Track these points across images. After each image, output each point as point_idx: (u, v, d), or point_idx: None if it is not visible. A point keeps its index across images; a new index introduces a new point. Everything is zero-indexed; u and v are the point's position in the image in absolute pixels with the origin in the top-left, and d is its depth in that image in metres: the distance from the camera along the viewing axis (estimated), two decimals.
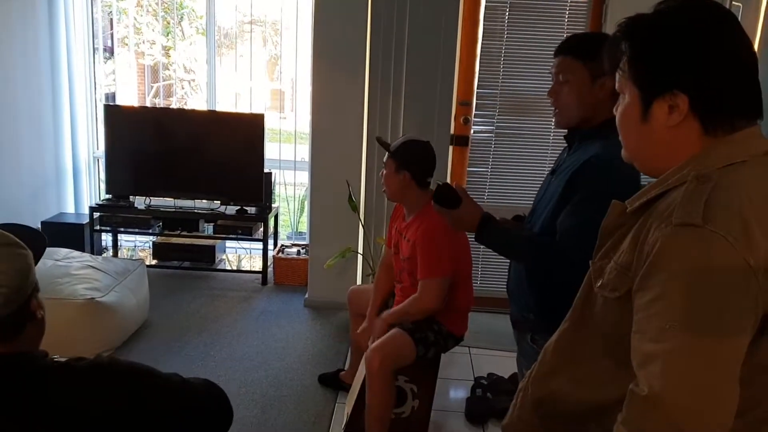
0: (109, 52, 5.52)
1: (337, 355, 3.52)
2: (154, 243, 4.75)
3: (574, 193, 1.68)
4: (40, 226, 4.45)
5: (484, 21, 3.84)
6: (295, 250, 4.67)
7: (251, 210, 4.55)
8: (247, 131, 4.41)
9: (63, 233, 4.41)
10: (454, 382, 3.29)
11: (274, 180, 4.74)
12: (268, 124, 4.54)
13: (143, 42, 5.83)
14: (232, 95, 5.31)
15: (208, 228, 4.67)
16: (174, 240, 4.70)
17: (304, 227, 5.27)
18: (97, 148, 5.07)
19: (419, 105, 3.78)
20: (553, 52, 1.82)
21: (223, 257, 4.97)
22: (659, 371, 0.91)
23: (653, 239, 0.96)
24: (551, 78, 1.83)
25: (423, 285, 2.51)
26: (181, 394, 1.23)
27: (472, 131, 3.99)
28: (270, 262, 4.61)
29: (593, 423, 1.12)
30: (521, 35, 3.84)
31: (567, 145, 1.90)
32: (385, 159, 2.64)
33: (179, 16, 6.06)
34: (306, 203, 5.02)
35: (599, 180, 1.64)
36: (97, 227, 4.59)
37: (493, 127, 3.98)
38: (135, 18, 5.67)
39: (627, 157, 1.14)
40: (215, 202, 4.59)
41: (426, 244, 2.48)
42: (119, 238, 4.96)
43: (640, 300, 0.97)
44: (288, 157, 5.11)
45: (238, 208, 4.54)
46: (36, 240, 1.28)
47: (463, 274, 2.63)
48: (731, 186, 0.96)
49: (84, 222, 4.57)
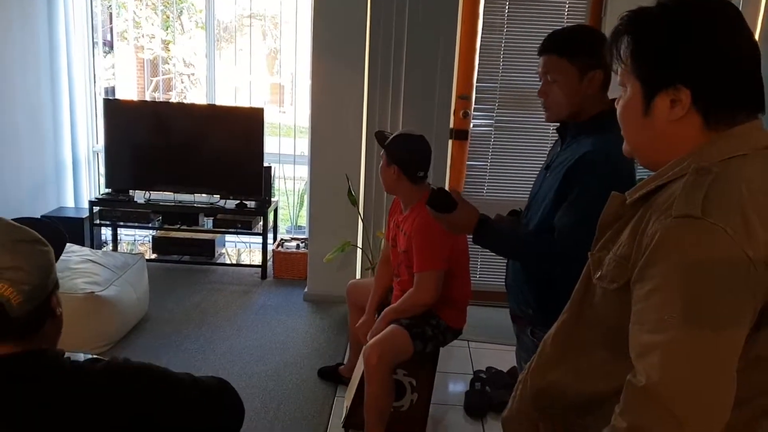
0: (109, 46, 5.51)
1: (336, 348, 3.53)
2: (153, 237, 4.75)
3: (570, 189, 1.68)
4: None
5: (484, 14, 3.83)
6: (294, 244, 4.67)
7: (251, 204, 4.55)
8: (247, 125, 4.40)
9: (63, 227, 4.40)
10: (453, 376, 3.30)
11: (274, 174, 4.74)
12: (268, 118, 4.53)
13: (143, 36, 5.82)
14: (231, 89, 5.30)
15: (208, 222, 4.68)
16: (173, 234, 4.71)
17: (303, 221, 5.28)
18: (97, 143, 5.07)
19: (419, 99, 3.78)
20: (537, 51, 1.81)
21: (223, 251, 4.97)
22: (657, 362, 0.92)
23: (652, 231, 0.96)
24: (539, 78, 1.82)
25: (419, 278, 2.51)
26: (194, 395, 1.24)
27: (471, 125, 3.99)
28: (269, 256, 4.61)
29: (592, 414, 1.12)
30: (521, 29, 3.83)
31: (559, 138, 1.90)
32: (381, 152, 2.65)
33: (179, 10, 6.05)
34: (305, 197, 5.02)
35: (594, 176, 1.64)
36: (97, 221, 4.59)
37: (493, 121, 3.98)
38: (134, 12, 5.66)
39: (628, 150, 1.14)
40: (215, 196, 4.59)
41: (421, 237, 2.48)
42: (119, 232, 4.96)
43: (639, 291, 0.97)
44: (287, 151, 5.11)
45: (238, 202, 4.54)
46: (56, 236, 1.28)
47: (461, 268, 2.63)
48: (731, 179, 0.96)
49: (84, 216, 4.57)
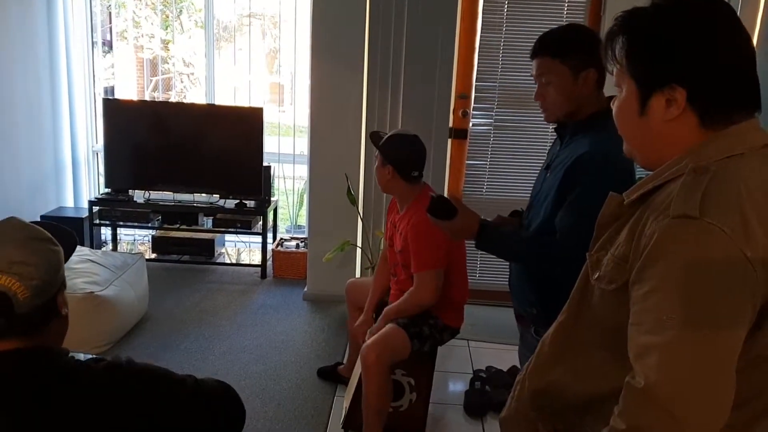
0: (108, 45, 5.51)
1: (336, 348, 3.53)
2: (153, 237, 4.75)
3: (570, 190, 1.68)
4: (39, 220, 4.45)
5: (483, 14, 3.83)
6: (294, 243, 4.67)
7: (250, 203, 4.55)
8: (246, 125, 4.40)
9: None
10: (452, 375, 3.30)
11: (273, 173, 4.74)
12: (267, 117, 4.53)
13: (142, 35, 5.82)
14: (231, 89, 5.30)
15: (208, 222, 4.68)
16: (173, 234, 4.71)
17: (303, 221, 5.28)
18: (96, 142, 5.07)
19: (418, 98, 3.78)
20: (530, 54, 1.82)
21: (223, 251, 4.97)
22: (655, 363, 0.91)
23: (650, 231, 0.96)
24: (534, 81, 1.82)
25: (418, 278, 2.51)
26: (196, 396, 1.25)
27: (470, 124, 3.99)
28: (269, 255, 4.61)
29: (591, 415, 1.12)
30: (520, 28, 3.83)
31: (558, 137, 1.90)
32: (376, 153, 2.66)
33: (178, 10, 6.05)
34: (305, 197, 5.02)
35: (592, 176, 1.64)
36: (97, 221, 4.59)
37: (492, 120, 3.98)
38: (134, 11, 5.66)
39: (628, 150, 1.14)
40: (214, 195, 4.59)
41: (417, 238, 2.48)
42: (118, 232, 4.96)
43: (637, 292, 0.97)
44: (287, 150, 5.11)
45: (237, 201, 4.54)
46: (67, 238, 1.31)
47: (457, 266, 2.63)
48: (729, 178, 0.96)
49: (83, 216, 4.57)
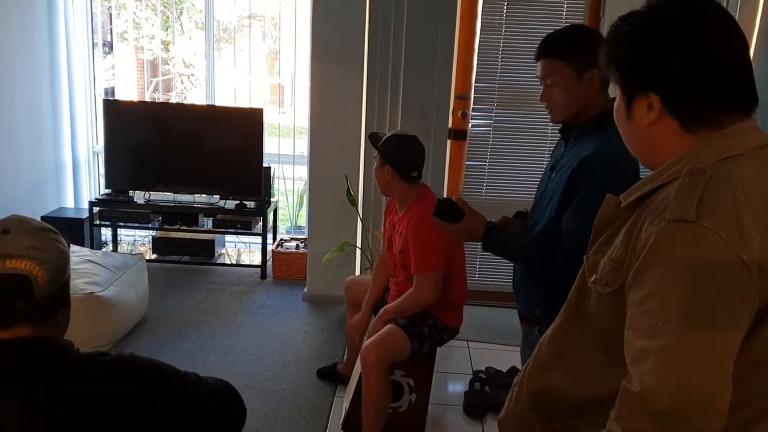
0: (109, 47, 5.52)
1: (335, 348, 3.53)
2: (153, 237, 4.76)
3: (575, 191, 1.68)
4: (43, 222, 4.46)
5: (483, 15, 3.83)
6: (294, 244, 4.68)
7: (250, 204, 4.56)
8: (247, 126, 4.41)
9: (62, 228, 4.32)
10: (452, 376, 3.30)
11: (273, 174, 4.75)
12: (268, 118, 4.54)
13: (142, 37, 5.83)
14: (231, 90, 5.31)
15: (208, 222, 4.69)
16: (173, 234, 4.71)
17: (303, 221, 5.28)
18: (97, 143, 5.08)
19: (417, 99, 3.78)
20: (534, 56, 1.82)
21: (223, 251, 4.98)
22: (651, 368, 0.91)
23: (646, 235, 0.96)
24: (539, 83, 1.83)
25: (418, 279, 2.52)
26: (198, 393, 1.25)
27: (470, 125, 3.99)
28: (269, 256, 4.62)
29: (589, 417, 1.12)
30: (519, 29, 3.83)
31: (563, 138, 1.90)
32: (375, 154, 2.66)
33: (178, 11, 6.05)
34: (305, 197, 5.03)
35: (597, 177, 1.64)
36: (97, 222, 4.60)
37: (491, 121, 3.98)
38: (134, 13, 5.67)
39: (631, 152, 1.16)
40: (214, 196, 4.60)
41: (417, 239, 2.49)
42: (119, 232, 4.97)
43: (633, 296, 0.97)
44: (287, 151, 5.11)
45: (238, 202, 4.55)
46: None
47: (456, 267, 2.63)
48: (726, 180, 0.95)
49: (83, 217, 4.58)
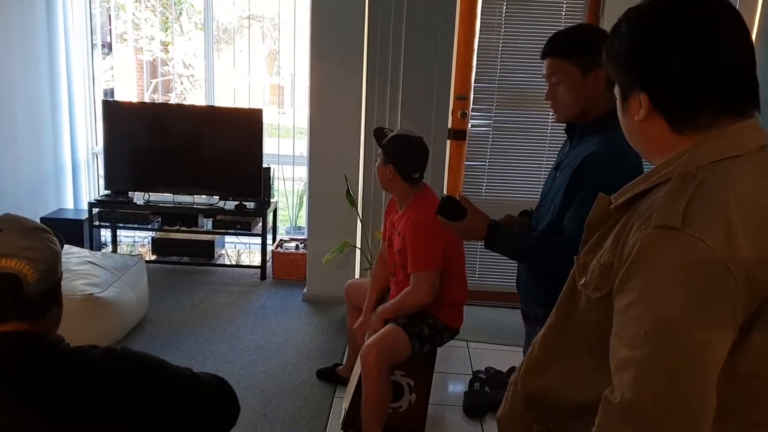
0: (108, 47, 5.52)
1: (335, 349, 3.53)
2: (153, 238, 4.75)
3: (577, 190, 1.68)
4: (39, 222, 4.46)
5: (482, 15, 3.83)
6: (293, 244, 4.68)
7: (250, 205, 4.56)
8: (246, 126, 4.41)
9: (62, 229, 4.30)
10: (452, 376, 3.30)
11: (273, 175, 4.75)
12: (267, 119, 4.54)
13: (142, 37, 5.82)
14: (230, 91, 5.31)
15: (207, 223, 4.68)
16: (173, 235, 4.71)
17: (302, 222, 5.28)
18: (96, 144, 5.08)
19: (417, 99, 3.78)
20: (540, 54, 1.82)
21: (222, 252, 4.98)
22: (632, 379, 0.89)
23: (633, 240, 0.94)
24: (545, 81, 1.83)
25: (414, 278, 2.52)
26: (190, 387, 1.26)
27: (469, 125, 3.99)
28: (269, 256, 4.62)
29: (580, 420, 1.10)
30: (519, 29, 3.84)
31: (568, 138, 1.90)
32: (378, 151, 2.66)
33: (178, 12, 6.05)
34: (304, 198, 5.03)
35: (600, 176, 1.64)
36: (96, 223, 4.59)
37: (491, 121, 3.98)
38: (133, 13, 5.66)
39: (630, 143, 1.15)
40: (214, 197, 4.60)
41: (415, 238, 2.49)
42: (118, 233, 4.97)
43: (619, 303, 0.95)
44: (286, 152, 5.11)
45: (237, 203, 4.55)
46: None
47: (456, 267, 2.63)
48: (717, 184, 0.93)
49: (83, 218, 4.58)
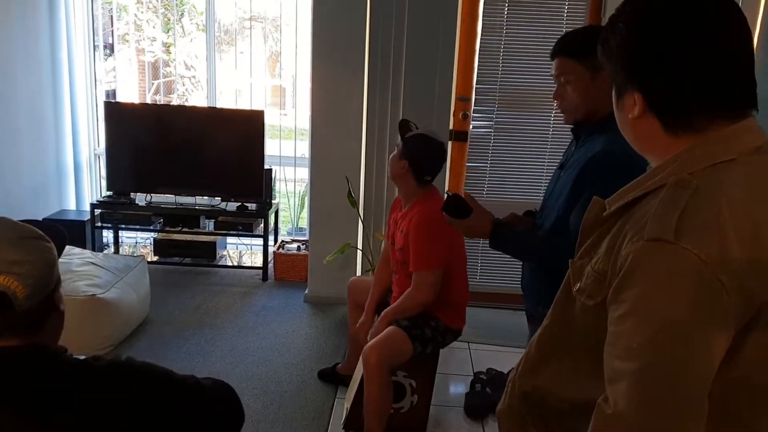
0: (110, 49, 5.52)
1: (336, 350, 3.54)
2: (155, 239, 4.76)
3: (582, 189, 1.69)
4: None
5: (483, 16, 3.84)
6: (295, 245, 4.68)
7: (252, 206, 4.57)
8: (248, 128, 4.42)
9: (63, 228, 4.41)
10: (453, 377, 3.30)
11: (275, 176, 4.75)
12: (269, 120, 4.54)
13: (144, 39, 5.84)
14: (232, 92, 5.32)
15: (209, 224, 4.69)
16: (175, 236, 4.72)
17: (304, 223, 5.29)
18: (98, 145, 5.09)
19: (418, 100, 3.78)
20: (549, 54, 1.83)
21: (224, 253, 4.98)
22: (624, 391, 0.90)
23: (626, 252, 0.93)
24: (553, 81, 1.84)
25: (416, 277, 2.52)
26: (195, 396, 1.25)
27: (471, 126, 3.99)
28: (270, 257, 4.62)
29: (574, 419, 1.10)
30: (520, 30, 3.84)
31: (574, 137, 1.91)
32: (398, 141, 2.65)
33: (179, 13, 6.06)
34: (306, 199, 5.04)
35: (605, 176, 1.64)
36: (98, 224, 4.60)
37: (492, 123, 3.98)
38: (135, 15, 5.68)
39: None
40: (216, 198, 4.60)
41: (417, 237, 2.49)
42: (120, 234, 4.97)
43: (613, 314, 0.95)
44: (288, 153, 5.12)
45: (239, 204, 4.55)
46: (57, 235, 1.31)
47: (458, 268, 2.64)
48: (712, 192, 0.92)
49: (85, 219, 4.59)
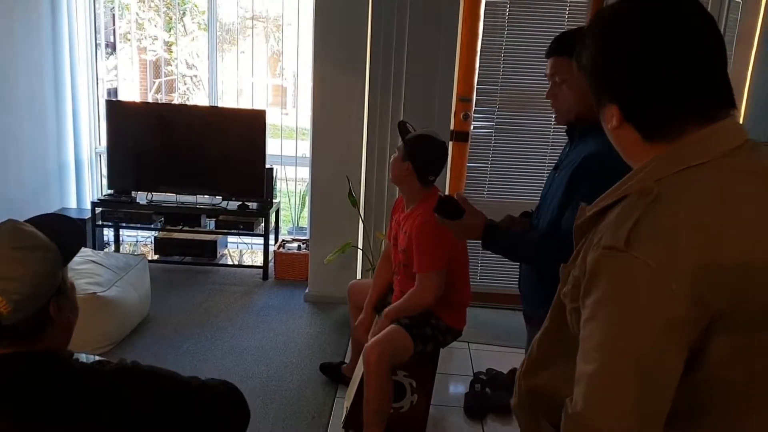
0: (112, 47, 5.53)
1: (337, 349, 3.54)
2: (155, 238, 4.77)
3: (575, 191, 1.69)
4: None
5: (485, 17, 3.84)
6: (295, 245, 4.69)
7: (253, 205, 4.57)
8: (249, 127, 4.42)
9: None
10: (453, 377, 3.31)
11: (276, 175, 4.76)
12: (270, 120, 4.54)
13: (145, 37, 5.84)
14: (234, 91, 5.32)
15: (210, 223, 4.69)
16: (176, 235, 4.72)
17: (304, 222, 5.30)
18: (99, 144, 5.09)
19: (419, 101, 3.79)
20: (545, 53, 1.83)
21: (225, 252, 4.99)
22: (583, 392, 0.93)
23: (589, 258, 0.96)
24: (547, 80, 1.84)
25: (420, 278, 2.53)
26: (201, 399, 1.25)
27: (472, 127, 4.00)
28: (271, 257, 4.63)
29: None
30: (522, 32, 3.85)
31: (569, 139, 1.91)
32: (399, 143, 2.65)
33: (181, 12, 6.07)
34: (307, 198, 5.04)
35: (597, 177, 1.63)
36: (99, 222, 4.61)
37: (493, 123, 3.99)
38: (137, 13, 5.68)
39: None
40: (217, 197, 4.61)
41: (422, 238, 2.50)
42: (121, 233, 4.98)
43: (582, 318, 0.98)
44: (289, 152, 5.12)
45: (240, 203, 4.56)
46: (68, 233, 1.28)
47: (461, 269, 2.65)
48: (673, 198, 0.93)
49: (86, 217, 4.59)
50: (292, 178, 5.30)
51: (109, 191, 4.62)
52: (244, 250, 5.17)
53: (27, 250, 1.14)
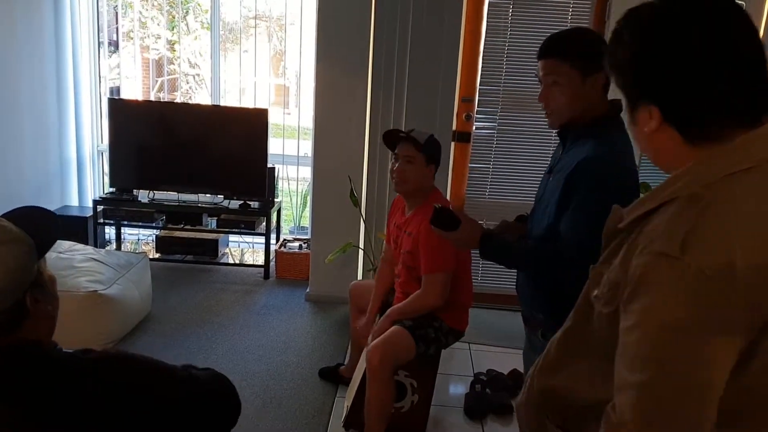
0: (114, 46, 5.53)
1: (337, 349, 3.54)
2: (157, 236, 4.77)
3: (571, 195, 1.68)
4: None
5: (488, 17, 3.84)
6: (297, 244, 4.69)
7: (254, 204, 4.57)
8: (251, 126, 4.42)
9: (66, 226, 4.43)
10: (453, 378, 3.31)
11: (277, 175, 4.76)
12: (273, 119, 4.54)
13: (148, 36, 5.84)
14: (236, 90, 5.32)
15: (212, 222, 4.70)
16: (177, 234, 4.72)
17: (306, 222, 5.30)
18: (102, 142, 5.10)
19: (422, 101, 3.79)
20: (537, 55, 1.81)
21: (226, 251, 4.99)
22: (630, 402, 0.91)
23: (635, 263, 0.94)
24: (539, 82, 1.81)
25: (427, 280, 2.52)
26: (187, 388, 1.24)
27: (474, 128, 4.00)
28: (272, 256, 4.63)
29: (586, 420, 1.12)
30: (524, 32, 3.84)
31: (561, 141, 1.90)
32: (397, 151, 2.59)
33: (184, 11, 6.07)
34: (308, 198, 5.04)
35: (593, 182, 1.64)
36: (101, 220, 4.62)
37: (496, 124, 3.99)
38: (140, 12, 5.68)
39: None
40: (219, 196, 4.61)
41: (429, 240, 2.48)
42: (122, 231, 4.97)
43: (623, 324, 0.96)
44: (291, 152, 5.12)
45: (242, 202, 4.56)
46: (41, 225, 1.24)
47: (464, 270, 2.64)
48: (723, 205, 0.92)
49: (87, 215, 4.60)
50: (293, 177, 5.30)
51: (111, 189, 4.62)
52: (245, 249, 5.18)
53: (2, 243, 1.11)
